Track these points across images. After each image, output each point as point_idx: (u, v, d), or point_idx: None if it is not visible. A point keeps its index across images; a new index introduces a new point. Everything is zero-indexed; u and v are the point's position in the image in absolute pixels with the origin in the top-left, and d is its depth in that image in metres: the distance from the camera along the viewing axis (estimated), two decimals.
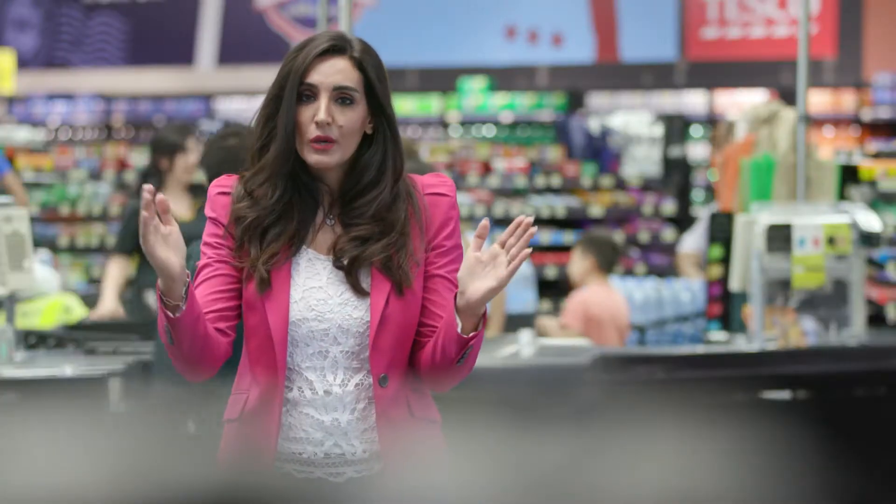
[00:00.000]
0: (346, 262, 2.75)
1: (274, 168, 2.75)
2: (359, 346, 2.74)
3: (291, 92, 2.74)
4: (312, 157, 2.74)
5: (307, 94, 2.75)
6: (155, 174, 6.64)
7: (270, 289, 2.73)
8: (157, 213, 2.62)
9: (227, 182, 2.81)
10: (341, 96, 2.75)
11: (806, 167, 6.29)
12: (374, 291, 2.73)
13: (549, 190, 10.80)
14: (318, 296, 2.74)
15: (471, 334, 2.70)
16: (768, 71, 13.16)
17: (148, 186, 2.60)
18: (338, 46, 2.77)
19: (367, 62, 2.77)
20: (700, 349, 5.84)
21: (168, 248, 2.61)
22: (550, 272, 10.57)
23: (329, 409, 2.73)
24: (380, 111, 2.78)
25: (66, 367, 4.73)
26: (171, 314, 2.64)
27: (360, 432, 2.74)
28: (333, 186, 2.79)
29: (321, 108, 2.73)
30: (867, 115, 12.11)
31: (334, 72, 2.75)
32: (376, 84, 2.77)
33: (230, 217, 2.77)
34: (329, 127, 2.73)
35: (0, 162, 7.93)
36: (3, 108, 14.29)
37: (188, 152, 6.58)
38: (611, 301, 6.81)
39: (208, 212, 2.80)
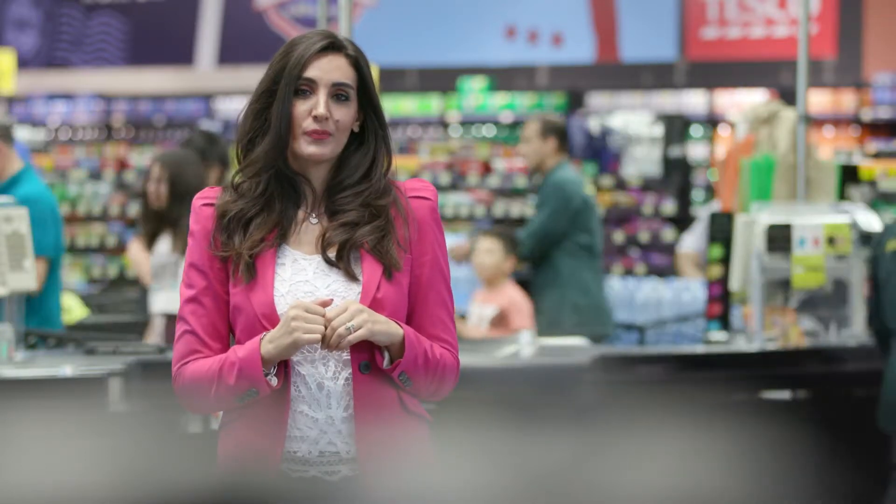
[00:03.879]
0: (335, 250, 2.75)
1: (266, 161, 2.77)
2: None
3: (288, 86, 2.76)
4: (309, 149, 2.76)
5: (304, 88, 2.77)
6: None
7: (256, 284, 2.74)
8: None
9: (211, 194, 2.82)
10: (338, 93, 2.78)
11: (806, 167, 6.28)
12: (365, 275, 2.74)
13: None
14: (305, 289, 2.75)
15: (389, 366, 2.74)
16: (768, 71, 13.16)
17: (323, 309, 2.69)
18: (335, 44, 2.80)
19: (361, 61, 2.81)
20: (700, 349, 5.84)
21: None
22: None
23: (323, 405, 2.73)
24: (371, 110, 2.82)
25: (66, 367, 4.73)
26: (271, 383, 2.72)
27: (354, 430, 2.74)
28: (318, 183, 2.80)
29: (320, 103, 2.76)
30: (867, 115, 12.11)
31: (333, 68, 2.78)
32: (369, 83, 2.82)
33: (216, 217, 2.78)
34: (326, 122, 2.75)
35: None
36: (3, 108, 14.29)
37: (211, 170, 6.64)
38: None
39: (192, 224, 2.80)
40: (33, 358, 4.93)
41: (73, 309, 6.46)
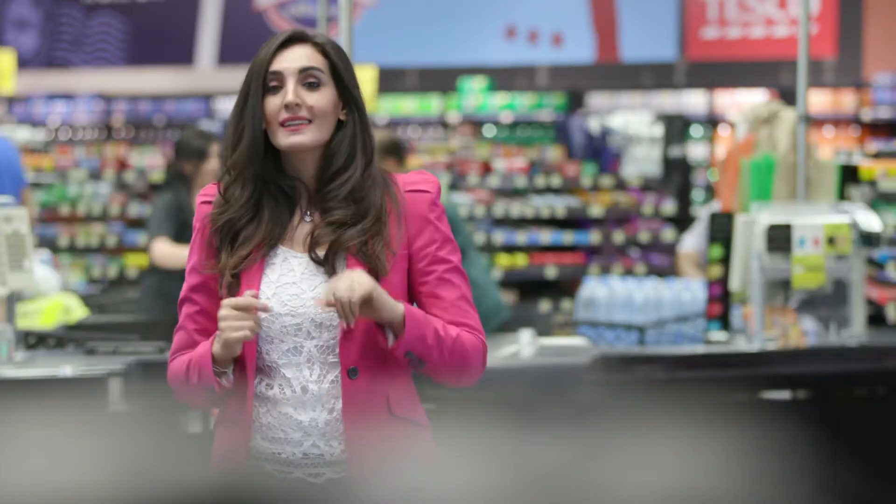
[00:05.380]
0: (323, 251, 2.75)
1: (245, 161, 2.77)
2: (333, 341, 2.74)
3: (257, 85, 2.78)
4: (287, 140, 2.76)
5: (274, 84, 2.78)
6: (180, 178, 6.80)
7: (239, 290, 2.75)
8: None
9: (211, 191, 2.84)
10: (308, 79, 2.78)
11: (806, 167, 6.28)
12: None
13: (549, 190, 10.80)
14: (291, 291, 2.75)
15: (393, 344, 2.71)
16: (768, 71, 13.16)
17: (253, 300, 2.68)
18: (299, 37, 2.82)
19: (329, 48, 2.81)
20: (700, 349, 5.84)
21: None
22: (550, 272, 10.57)
23: (307, 407, 2.73)
24: (348, 95, 2.81)
25: (66, 367, 4.73)
26: (222, 382, 2.73)
27: (338, 433, 2.74)
28: (308, 179, 2.80)
29: (289, 91, 2.76)
30: (867, 115, 12.11)
31: (298, 56, 2.79)
32: (342, 68, 2.81)
33: (208, 224, 2.80)
34: (298, 108, 2.75)
35: (22, 175, 7.94)
36: (3, 108, 14.29)
37: (211, 158, 6.76)
38: None
39: (195, 222, 2.84)
40: (33, 358, 4.93)
41: (73, 309, 6.44)
